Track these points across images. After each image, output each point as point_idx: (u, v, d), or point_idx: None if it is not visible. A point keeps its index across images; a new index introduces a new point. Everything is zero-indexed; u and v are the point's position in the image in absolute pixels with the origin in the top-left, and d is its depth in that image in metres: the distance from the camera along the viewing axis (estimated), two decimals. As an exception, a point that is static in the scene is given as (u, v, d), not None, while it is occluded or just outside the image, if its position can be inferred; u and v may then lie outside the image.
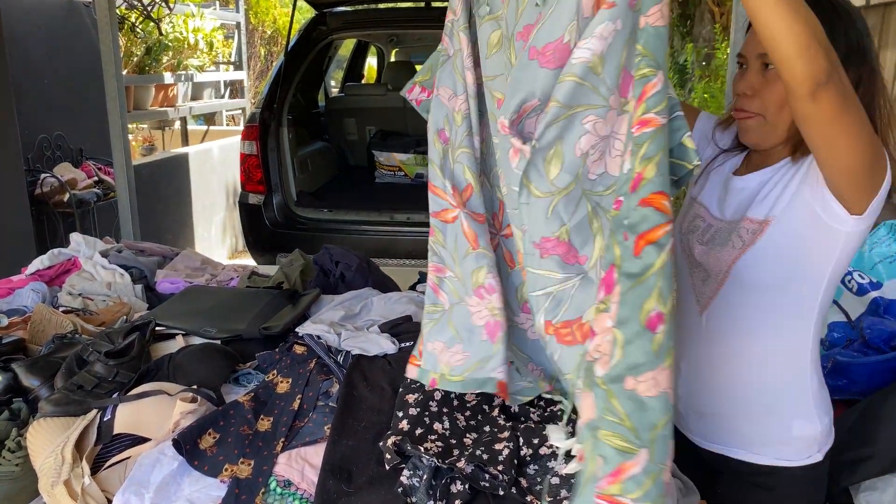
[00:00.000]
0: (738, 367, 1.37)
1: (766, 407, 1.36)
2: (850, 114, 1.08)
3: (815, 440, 1.37)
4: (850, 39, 1.20)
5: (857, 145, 1.11)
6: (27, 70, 4.45)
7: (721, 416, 1.41)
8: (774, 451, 1.37)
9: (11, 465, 1.36)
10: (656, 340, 0.92)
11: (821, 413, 1.37)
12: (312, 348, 1.64)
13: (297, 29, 4.56)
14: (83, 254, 2.40)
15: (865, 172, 1.15)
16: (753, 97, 1.27)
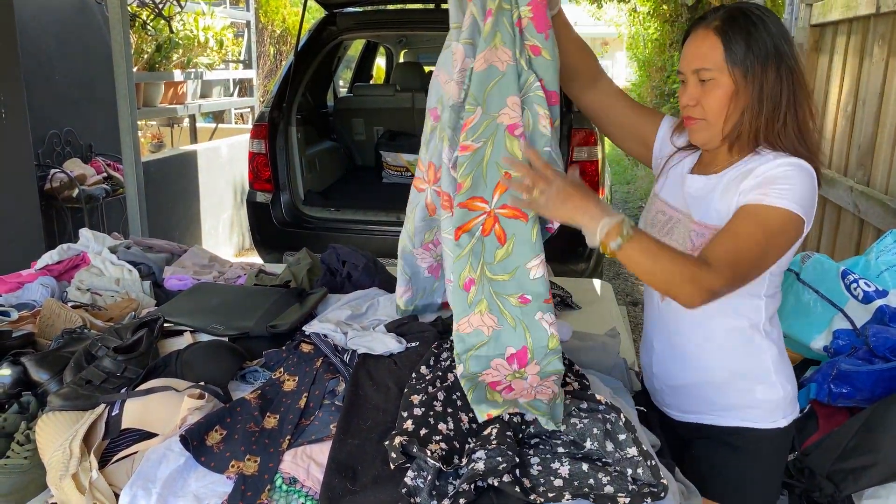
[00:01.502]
0: (700, 343, 1.57)
1: (729, 374, 1.56)
2: (744, 279, 1.40)
3: (779, 405, 1.56)
4: (767, 43, 1.40)
5: (763, 271, 1.44)
6: (38, 66, 4.48)
7: (690, 386, 1.61)
8: (741, 414, 1.57)
9: (20, 458, 1.37)
10: (469, 297, 1.42)
11: (782, 381, 1.56)
12: (319, 347, 1.65)
13: (308, 29, 4.58)
14: (92, 249, 2.42)
15: (782, 255, 1.44)
16: (696, 106, 1.47)
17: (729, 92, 1.42)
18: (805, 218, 1.38)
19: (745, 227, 1.38)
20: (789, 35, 1.44)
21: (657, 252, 1.34)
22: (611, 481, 1.19)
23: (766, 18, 1.42)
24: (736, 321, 1.53)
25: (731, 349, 1.55)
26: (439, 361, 1.55)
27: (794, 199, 1.36)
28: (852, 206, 3.13)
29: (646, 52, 12.40)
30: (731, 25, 1.41)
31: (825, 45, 3.77)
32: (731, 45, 1.40)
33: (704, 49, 1.43)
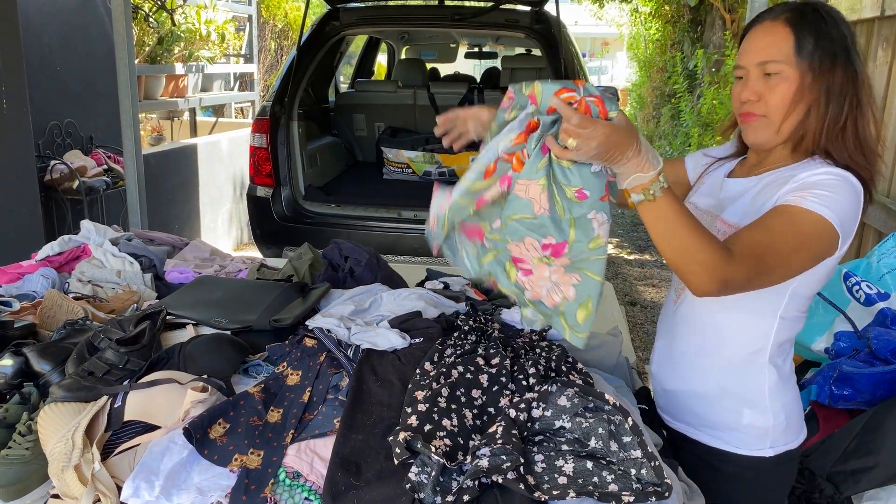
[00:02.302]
0: (697, 352, 1.51)
1: (720, 389, 1.49)
2: (764, 276, 1.29)
3: (767, 433, 1.47)
4: (836, 41, 1.33)
5: (784, 278, 1.34)
6: (40, 57, 4.47)
7: (680, 393, 1.56)
8: (725, 436, 1.50)
9: (22, 449, 1.37)
10: (538, 165, 1.22)
11: (776, 408, 1.47)
12: (323, 342, 1.65)
13: (310, 24, 4.57)
14: (93, 241, 2.41)
15: (806, 269, 1.34)
16: (758, 101, 1.38)
17: (794, 87, 1.34)
18: (840, 232, 1.29)
19: (776, 223, 1.29)
20: (856, 38, 1.38)
21: (677, 222, 1.21)
22: (615, 479, 1.19)
23: (837, 17, 1.36)
24: (740, 337, 1.46)
25: (727, 365, 1.48)
26: (443, 358, 1.55)
27: (834, 208, 1.28)
28: (853, 209, 3.13)
29: (647, 52, 12.41)
30: (802, 18, 1.34)
31: (828, 48, 3.77)
32: (802, 37, 1.32)
33: (773, 40, 1.34)
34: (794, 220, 1.28)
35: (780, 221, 1.29)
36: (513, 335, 1.77)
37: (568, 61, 4.17)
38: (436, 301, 1.90)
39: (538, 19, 4.35)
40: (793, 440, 1.51)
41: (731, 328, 1.46)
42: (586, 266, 1.28)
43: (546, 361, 1.57)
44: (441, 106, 5.57)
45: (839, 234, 1.29)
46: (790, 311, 1.43)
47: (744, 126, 1.43)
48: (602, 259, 1.28)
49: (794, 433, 1.51)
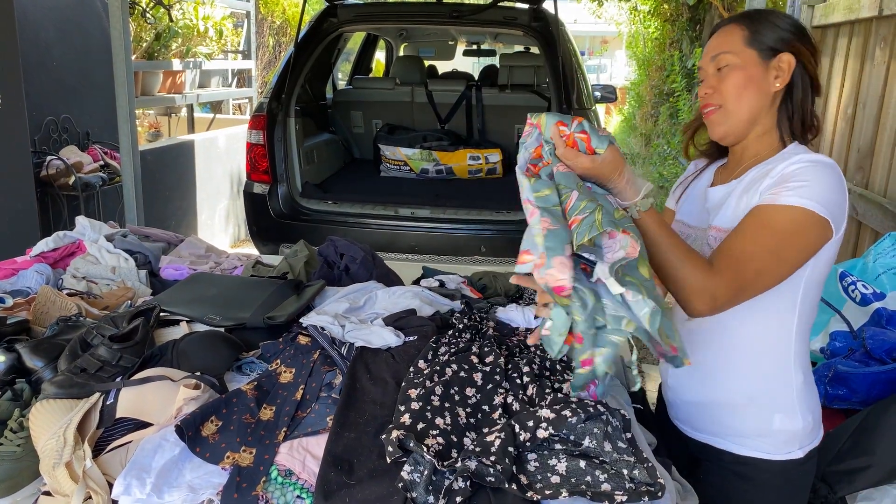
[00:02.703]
0: (722, 360, 1.47)
1: (747, 398, 1.45)
2: (753, 284, 1.30)
3: (796, 436, 1.45)
4: (786, 31, 1.40)
5: (779, 279, 1.33)
6: (37, 52, 4.46)
7: (705, 404, 1.51)
8: (754, 443, 1.46)
9: (13, 446, 1.36)
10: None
11: (804, 410, 1.45)
12: (316, 339, 1.64)
13: (308, 20, 4.56)
14: (88, 237, 2.40)
15: (804, 262, 1.34)
16: (713, 93, 1.43)
17: (745, 74, 1.39)
18: (829, 216, 1.29)
19: (753, 227, 1.31)
20: (809, 34, 1.44)
21: (656, 242, 1.27)
22: (608, 479, 1.19)
23: (786, 16, 1.44)
24: (763, 341, 1.43)
25: (755, 371, 1.45)
26: (437, 356, 1.54)
27: (811, 196, 1.29)
28: (850, 209, 3.13)
29: (645, 50, 12.40)
30: (751, 14, 1.44)
31: (826, 48, 3.76)
32: (750, 28, 1.40)
33: (724, 37, 1.43)
34: (771, 221, 1.30)
35: (757, 224, 1.31)
36: (507, 334, 1.77)
37: (566, 59, 4.16)
38: (431, 299, 1.90)
39: (536, 17, 4.34)
40: (817, 437, 1.51)
41: (752, 333, 1.43)
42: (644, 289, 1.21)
43: (540, 360, 1.56)
44: (439, 103, 5.57)
45: (828, 219, 1.29)
46: (807, 302, 1.41)
47: (707, 122, 1.48)
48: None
49: (819, 430, 1.51)
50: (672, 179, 8.33)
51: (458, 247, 4.01)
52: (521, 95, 5.46)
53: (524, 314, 1.85)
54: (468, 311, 1.83)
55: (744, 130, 1.43)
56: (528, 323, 1.82)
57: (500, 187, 4.65)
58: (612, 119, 17.11)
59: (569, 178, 1.26)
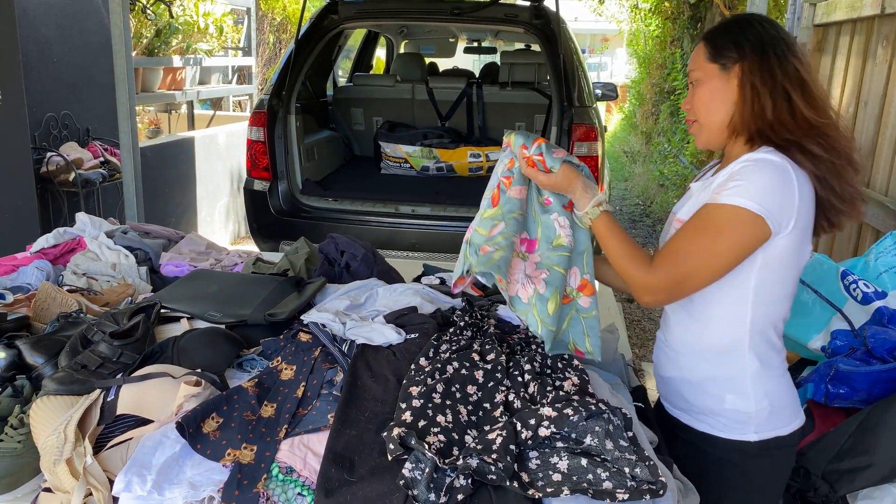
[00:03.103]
0: (686, 340, 1.59)
1: (704, 377, 1.57)
2: (690, 278, 1.43)
3: (749, 418, 1.53)
4: (749, 39, 1.47)
5: (717, 274, 1.44)
6: (37, 48, 4.45)
7: (673, 380, 1.64)
8: (710, 420, 1.57)
9: (14, 442, 1.36)
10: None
11: (758, 395, 1.53)
12: (317, 336, 1.64)
13: (308, 17, 4.55)
14: (89, 234, 2.40)
15: (743, 257, 1.43)
16: (690, 109, 1.57)
17: (708, 88, 1.50)
18: (764, 214, 1.36)
19: (691, 226, 1.44)
20: (785, 33, 1.49)
21: (605, 241, 1.50)
22: (609, 477, 1.19)
23: (754, 20, 1.51)
24: (719, 325, 1.52)
25: (708, 352, 1.55)
26: (438, 353, 1.54)
27: (747, 195, 1.36)
28: (851, 208, 3.13)
29: (646, 48, 12.39)
30: (714, 30, 1.55)
31: (828, 46, 3.76)
32: (712, 44, 1.50)
33: (694, 54, 1.55)
34: (708, 219, 1.41)
35: (696, 222, 1.43)
36: (509, 331, 1.76)
37: (567, 57, 4.16)
38: (432, 297, 1.89)
39: (538, 15, 4.34)
40: (781, 427, 1.55)
41: (711, 316, 1.53)
42: (552, 262, 1.56)
43: (542, 358, 1.56)
44: (439, 101, 5.56)
45: (763, 217, 1.36)
46: (763, 296, 1.48)
47: (692, 134, 1.61)
48: (567, 257, 1.56)
49: (782, 421, 1.55)
50: (672, 177, 8.32)
51: (458, 244, 3.98)
52: (522, 93, 5.45)
53: (525, 312, 1.84)
54: (469, 309, 1.82)
55: (720, 138, 1.53)
56: (529, 321, 1.82)
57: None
58: (612, 117, 17.11)
59: (513, 203, 1.58)
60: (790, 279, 1.50)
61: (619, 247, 1.48)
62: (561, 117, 3.93)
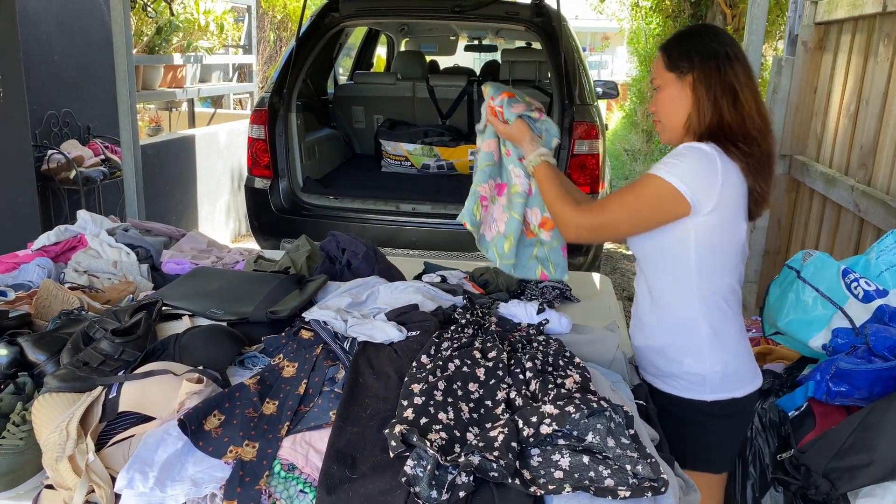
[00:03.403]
0: (649, 313, 1.80)
1: (662, 344, 1.77)
2: (610, 225, 1.71)
3: (705, 381, 1.74)
4: (700, 49, 1.69)
5: (634, 228, 1.71)
6: (38, 46, 4.45)
7: (641, 348, 1.85)
8: (671, 382, 1.78)
9: (16, 439, 1.36)
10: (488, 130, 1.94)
11: (713, 360, 1.73)
12: (319, 334, 1.64)
13: (309, 15, 4.55)
14: (90, 231, 2.40)
15: (661, 222, 1.66)
16: (655, 111, 1.79)
17: (669, 93, 1.73)
18: (685, 191, 1.59)
19: (626, 187, 1.70)
20: (730, 45, 1.70)
21: (544, 185, 1.79)
22: (611, 474, 1.19)
23: (705, 31, 1.75)
24: (673, 298, 1.74)
25: (667, 322, 1.76)
26: (440, 351, 1.54)
27: (675, 172, 1.60)
28: (853, 206, 3.13)
29: (647, 46, 12.37)
30: (669, 41, 1.78)
31: (829, 44, 3.76)
32: (668, 55, 1.73)
33: (655, 63, 1.78)
34: (639, 184, 1.66)
35: (630, 185, 1.69)
36: (510, 329, 1.77)
37: (568, 55, 4.15)
38: (433, 294, 1.90)
39: (538, 12, 4.33)
40: (735, 390, 1.75)
41: (665, 291, 1.75)
42: (513, 207, 1.88)
43: (543, 356, 1.56)
44: (440, 99, 5.55)
45: (684, 195, 1.59)
46: (705, 271, 1.69)
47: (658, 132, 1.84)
48: (522, 203, 1.88)
49: (737, 384, 1.75)
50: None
51: (459, 242, 4.00)
52: (523, 91, 5.44)
53: (526, 310, 1.84)
54: (470, 307, 1.82)
55: (679, 136, 1.75)
56: (530, 318, 1.82)
57: (501, 183, 4.63)
58: (613, 115, 17.09)
59: (482, 156, 1.91)
60: (729, 253, 1.71)
61: (551, 190, 1.77)
62: (562, 115, 3.93)
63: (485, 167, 1.90)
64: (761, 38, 3.13)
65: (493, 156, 1.90)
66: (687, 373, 1.74)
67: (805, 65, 3.91)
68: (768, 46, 8.16)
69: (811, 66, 3.90)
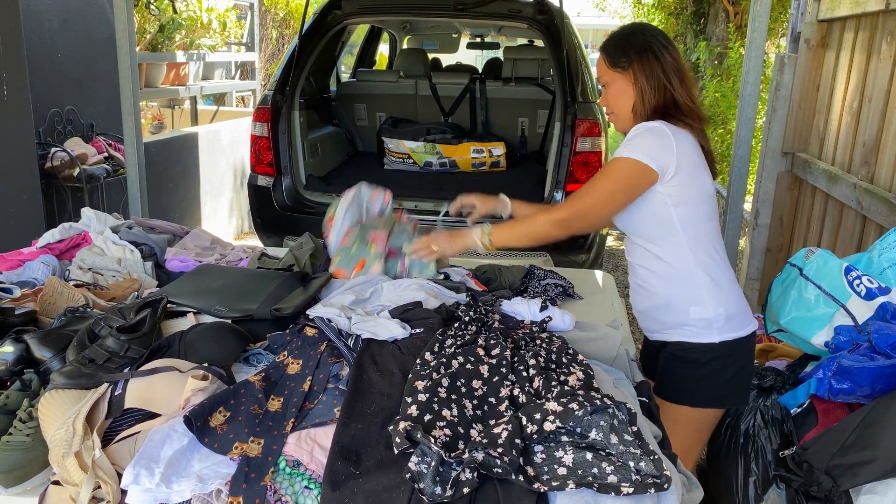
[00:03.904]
0: (649, 276, 2.00)
1: (668, 298, 1.98)
2: (591, 210, 1.90)
3: (710, 323, 1.94)
4: (634, 46, 1.93)
5: (614, 208, 1.92)
6: (41, 44, 4.45)
7: (646, 309, 2.06)
8: (681, 331, 1.98)
9: (22, 436, 1.37)
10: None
11: (714, 303, 1.94)
12: (323, 331, 1.65)
13: (312, 12, 4.55)
14: (94, 229, 2.41)
15: (636, 195, 1.89)
16: (607, 104, 2.03)
17: (613, 89, 1.97)
18: (650, 162, 1.81)
19: (596, 174, 1.92)
20: (659, 36, 1.96)
21: (513, 225, 2.03)
22: (614, 471, 1.19)
23: (636, 28, 1.99)
24: (668, 258, 1.94)
25: (667, 280, 1.96)
26: (444, 348, 1.55)
27: (637, 149, 1.83)
28: (855, 203, 3.12)
29: (649, 44, 12.32)
30: (607, 41, 2.00)
31: (832, 41, 3.75)
32: (607, 54, 1.97)
33: (598, 65, 2.01)
34: (607, 169, 1.88)
35: (600, 172, 1.92)
36: (513, 326, 1.77)
37: (571, 53, 4.15)
38: (436, 291, 1.90)
39: (541, 10, 4.33)
40: (738, 330, 1.96)
41: (661, 253, 1.95)
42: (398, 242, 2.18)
43: (546, 353, 1.57)
44: (443, 96, 5.55)
45: (648, 164, 1.82)
46: (687, 224, 1.91)
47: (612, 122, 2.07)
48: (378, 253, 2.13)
49: (739, 324, 1.97)
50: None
51: (461, 240, 4.01)
52: (525, 88, 5.44)
53: (529, 307, 1.85)
54: (474, 304, 1.83)
55: (629, 123, 1.97)
56: (533, 316, 1.82)
57: (503, 180, 4.64)
58: (615, 113, 17.07)
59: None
60: (702, 204, 1.93)
61: (525, 227, 2.00)
62: (564, 113, 3.93)
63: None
64: (764, 35, 3.12)
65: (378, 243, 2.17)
66: (695, 319, 1.94)
67: (808, 62, 3.90)
68: (771, 44, 8.14)
69: (814, 64, 3.89)
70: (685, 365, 1.98)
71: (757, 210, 4.15)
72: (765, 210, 4.11)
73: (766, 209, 4.10)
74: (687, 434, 2.01)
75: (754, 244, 4.17)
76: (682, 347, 1.98)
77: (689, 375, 1.99)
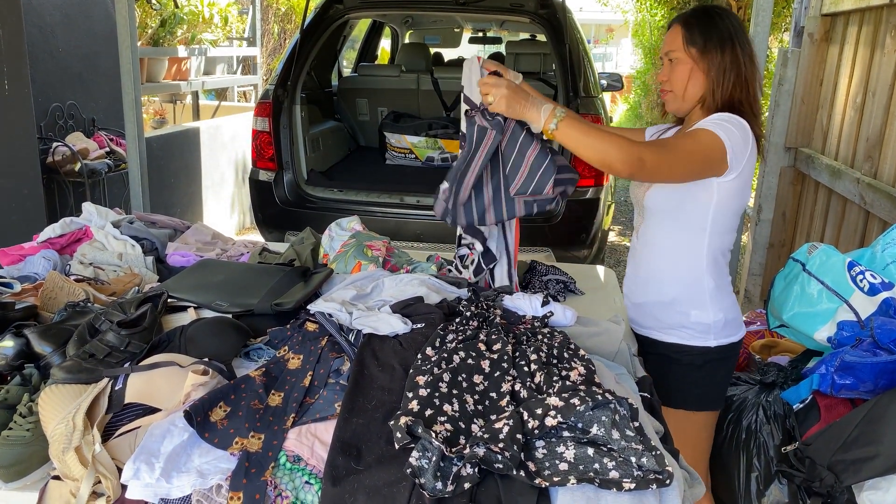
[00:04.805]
0: (653, 269, 1.98)
1: (671, 297, 1.96)
2: (669, 164, 1.75)
3: (709, 328, 1.94)
4: (720, 30, 1.84)
5: (685, 173, 1.80)
6: (43, 39, 4.45)
7: (644, 304, 2.03)
8: (678, 333, 1.97)
9: (23, 430, 1.37)
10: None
11: (715, 309, 1.94)
12: (324, 326, 1.64)
13: (313, 7, 4.54)
14: (95, 223, 2.40)
15: (704, 173, 1.81)
16: (667, 81, 1.92)
17: (687, 68, 1.86)
18: (728, 147, 1.75)
19: (684, 134, 1.83)
20: (743, 29, 1.88)
21: (589, 128, 1.74)
22: (616, 466, 1.19)
23: (723, 13, 1.88)
24: (679, 255, 1.92)
25: (675, 277, 1.94)
26: (445, 343, 1.54)
27: (723, 130, 1.76)
28: (858, 198, 3.11)
29: (651, 38, 12.33)
30: (691, 17, 1.88)
31: (836, 35, 3.74)
32: (689, 31, 1.85)
33: (673, 36, 1.89)
34: (694, 133, 1.79)
35: (684, 134, 1.83)
36: (515, 321, 1.77)
37: (573, 47, 4.14)
38: (438, 287, 1.90)
39: (543, 4, 4.32)
40: (732, 335, 1.98)
41: (671, 249, 1.93)
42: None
43: (548, 348, 1.56)
44: (444, 91, 5.54)
45: (727, 149, 1.75)
46: (716, 228, 1.89)
47: (663, 101, 1.97)
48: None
49: (733, 330, 1.98)
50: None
51: (463, 235, 4.00)
52: (528, 83, 5.43)
53: (531, 302, 1.84)
54: (475, 299, 1.82)
55: (688, 108, 1.92)
56: (534, 311, 1.82)
57: (505, 176, 4.62)
58: (617, 107, 17.05)
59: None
60: (736, 214, 1.91)
61: (600, 132, 1.73)
62: (567, 107, 3.92)
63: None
64: (767, 29, 3.11)
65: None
66: (694, 323, 1.94)
67: (811, 56, 3.89)
68: (774, 38, 8.12)
69: (817, 58, 3.88)
70: (678, 366, 1.98)
71: (760, 205, 4.14)
72: (768, 205, 4.10)
73: (769, 204, 4.09)
74: (688, 437, 1.99)
75: (757, 239, 4.16)
76: (678, 349, 1.97)
77: (681, 377, 1.98)
